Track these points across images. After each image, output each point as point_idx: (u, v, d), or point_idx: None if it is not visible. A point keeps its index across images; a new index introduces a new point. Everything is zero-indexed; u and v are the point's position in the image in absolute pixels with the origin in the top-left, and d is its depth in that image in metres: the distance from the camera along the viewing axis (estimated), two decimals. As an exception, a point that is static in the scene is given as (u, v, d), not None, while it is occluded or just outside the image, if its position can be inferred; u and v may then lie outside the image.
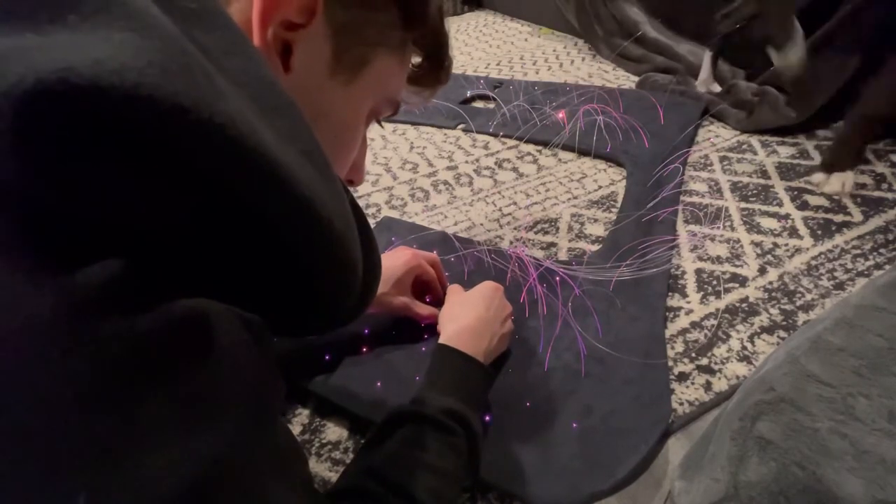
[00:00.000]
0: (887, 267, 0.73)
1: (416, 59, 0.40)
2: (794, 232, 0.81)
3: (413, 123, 1.27)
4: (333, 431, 0.57)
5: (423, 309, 0.65)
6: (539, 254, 0.81)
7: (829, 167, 0.91)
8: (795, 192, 0.90)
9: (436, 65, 0.41)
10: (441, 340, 0.54)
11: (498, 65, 1.63)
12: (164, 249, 0.20)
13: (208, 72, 0.19)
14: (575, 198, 0.95)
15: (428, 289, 0.68)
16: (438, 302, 0.65)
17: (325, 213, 0.23)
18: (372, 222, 0.90)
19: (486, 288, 0.61)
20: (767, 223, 0.84)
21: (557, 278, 0.73)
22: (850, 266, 0.74)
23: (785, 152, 1.02)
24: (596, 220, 0.88)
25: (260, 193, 0.20)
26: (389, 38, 0.34)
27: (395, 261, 0.63)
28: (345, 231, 0.24)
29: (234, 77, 0.21)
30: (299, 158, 0.22)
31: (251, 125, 0.19)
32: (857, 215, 0.84)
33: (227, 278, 0.22)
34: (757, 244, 0.80)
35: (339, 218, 0.24)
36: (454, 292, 0.63)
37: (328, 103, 0.32)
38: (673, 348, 0.64)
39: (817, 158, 0.99)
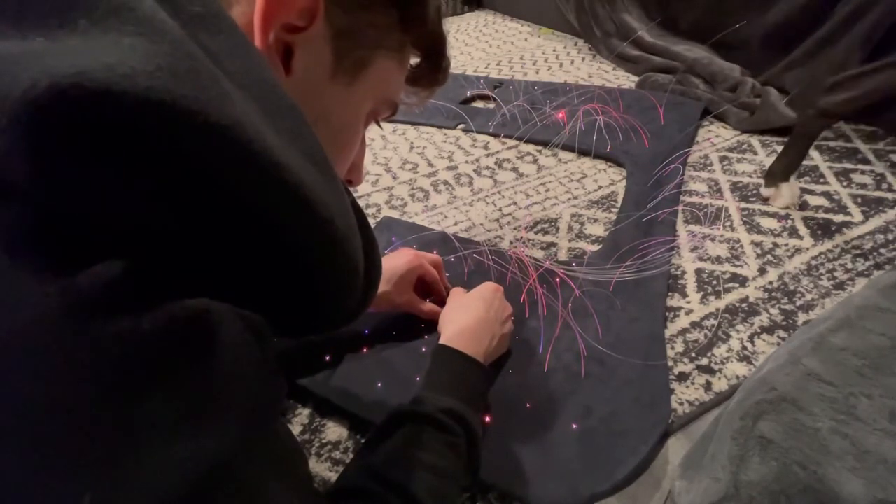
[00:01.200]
0: (887, 267, 0.73)
1: (415, 61, 0.40)
2: (794, 232, 0.81)
3: (413, 123, 1.27)
4: (333, 431, 0.57)
5: (425, 307, 0.65)
6: (539, 254, 0.81)
7: (783, 174, 0.87)
8: (795, 192, 0.90)
9: (434, 66, 0.41)
10: (441, 341, 0.54)
11: (498, 65, 1.63)
12: (167, 249, 0.20)
13: (215, 75, 0.19)
14: (575, 198, 0.95)
15: (430, 289, 0.68)
16: (441, 303, 0.66)
17: (326, 213, 0.23)
18: (372, 222, 0.90)
19: (486, 289, 0.61)
20: (767, 223, 0.84)
21: (557, 279, 0.73)
22: (850, 266, 0.74)
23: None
24: (596, 220, 0.88)
25: (263, 194, 0.20)
26: (389, 40, 0.34)
27: (397, 261, 0.63)
28: (346, 231, 0.25)
29: (238, 80, 0.21)
30: (301, 160, 0.22)
31: (256, 128, 0.20)
32: (857, 215, 0.84)
33: (229, 278, 0.22)
34: (757, 244, 0.80)
35: (341, 218, 0.24)
36: (456, 294, 0.63)
37: (328, 105, 0.32)
38: (673, 348, 0.64)
39: (818, 158, 0.99)
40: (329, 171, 0.24)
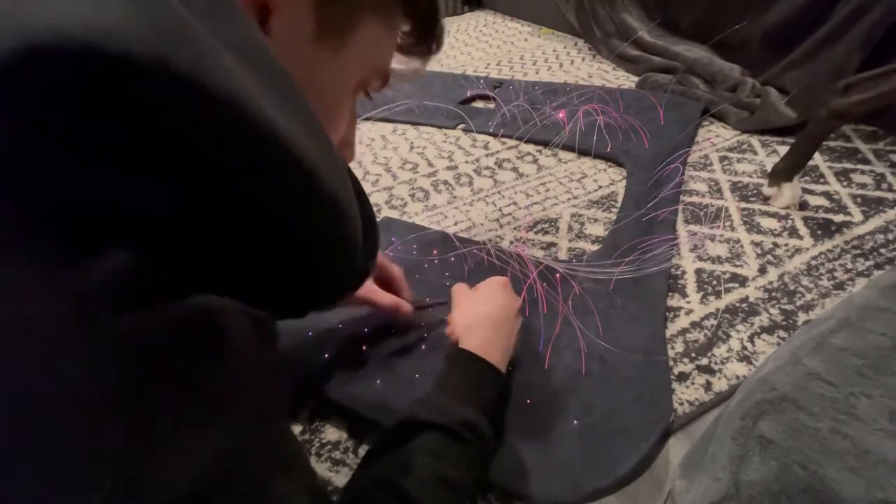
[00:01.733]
0: (887, 267, 0.73)
1: (406, 28, 0.38)
2: (794, 232, 0.81)
3: (413, 123, 1.27)
4: (333, 431, 0.57)
5: (385, 298, 0.62)
6: (539, 254, 0.81)
7: (787, 174, 0.86)
8: (795, 193, 0.90)
9: (426, 32, 0.39)
10: (462, 346, 0.52)
11: (498, 65, 1.63)
12: (170, 237, 0.19)
13: (201, 34, 0.18)
14: (575, 198, 0.95)
15: (389, 285, 0.65)
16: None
17: (327, 186, 0.22)
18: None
19: (496, 285, 0.59)
20: (767, 223, 0.84)
21: (557, 275, 0.73)
22: (850, 266, 0.74)
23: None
24: (596, 220, 0.88)
25: (263, 165, 0.19)
26: (376, 1, 0.32)
27: None
28: (347, 202, 0.23)
29: (226, 41, 0.19)
30: (298, 130, 0.21)
31: (250, 92, 0.18)
32: (857, 215, 0.84)
33: (230, 257, 0.21)
34: (757, 244, 0.80)
35: (341, 190, 0.23)
36: (464, 294, 0.60)
37: (312, 72, 0.30)
38: (673, 348, 0.64)
39: (818, 158, 0.99)
40: (326, 140, 0.23)
